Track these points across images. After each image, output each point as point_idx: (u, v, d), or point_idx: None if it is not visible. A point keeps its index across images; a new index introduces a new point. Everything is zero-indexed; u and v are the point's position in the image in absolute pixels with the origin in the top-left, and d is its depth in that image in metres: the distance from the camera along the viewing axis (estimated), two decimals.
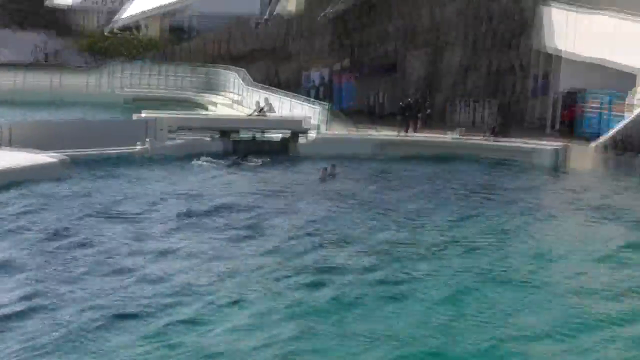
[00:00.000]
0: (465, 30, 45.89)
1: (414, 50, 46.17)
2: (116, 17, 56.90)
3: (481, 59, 46.15)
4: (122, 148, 30.84)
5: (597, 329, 15.14)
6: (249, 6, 53.53)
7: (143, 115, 33.86)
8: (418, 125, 38.27)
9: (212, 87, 48.20)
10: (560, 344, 14.38)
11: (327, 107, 37.37)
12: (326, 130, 35.50)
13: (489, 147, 34.89)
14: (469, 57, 46.04)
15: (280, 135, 33.89)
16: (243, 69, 45.80)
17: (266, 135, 34.17)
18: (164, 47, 51.17)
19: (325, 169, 29.13)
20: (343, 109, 41.95)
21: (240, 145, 33.15)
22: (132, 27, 56.14)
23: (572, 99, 42.59)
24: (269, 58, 47.82)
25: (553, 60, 43.97)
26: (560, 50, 43.38)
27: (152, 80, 49.08)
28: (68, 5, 61.12)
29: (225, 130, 33.33)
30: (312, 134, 34.38)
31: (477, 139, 36.41)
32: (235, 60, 48.22)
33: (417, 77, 45.94)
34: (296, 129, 34.17)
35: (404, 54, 46.30)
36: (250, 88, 43.66)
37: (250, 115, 38.89)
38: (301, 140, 34.00)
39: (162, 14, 56.24)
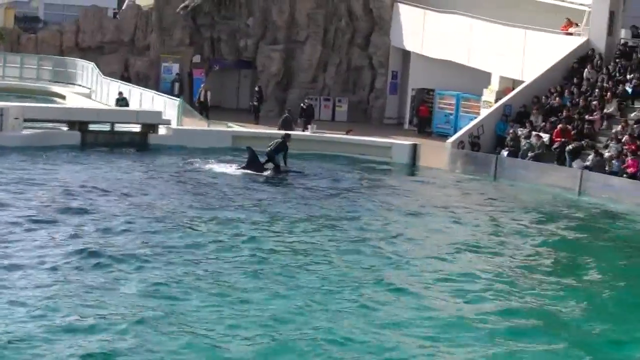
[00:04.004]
0: (322, 26, 46.94)
1: (270, 46, 46.92)
2: None
3: (338, 56, 47.28)
4: None
5: None
6: None
7: None
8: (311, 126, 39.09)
9: (65, 78, 47.76)
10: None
11: (180, 100, 37.71)
12: (179, 123, 35.82)
13: (347, 142, 35.82)
14: (325, 53, 47.13)
15: (138, 128, 34.10)
16: (92, 62, 45.55)
17: (124, 127, 34.33)
18: (10, 38, 50.30)
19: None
20: (203, 103, 42.20)
21: (97, 137, 33.20)
22: None
23: (425, 97, 44.28)
24: (125, 50, 47.74)
25: (411, 58, 45.46)
26: (414, 49, 44.91)
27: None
28: None
29: (82, 121, 33.15)
30: (170, 127, 34.72)
31: (335, 135, 37.43)
32: (89, 51, 47.78)
33: (273, 73, 46.71)
34: (154, 121, 34.46)
35: (260, 49, 46.99)
36: (105, 79, 43.50)
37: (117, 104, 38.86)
38: (160, 132, 34.38)
39: (8, 3, 55.33)
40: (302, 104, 41.49)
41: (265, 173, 29.15)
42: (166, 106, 36.90)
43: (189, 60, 46.75)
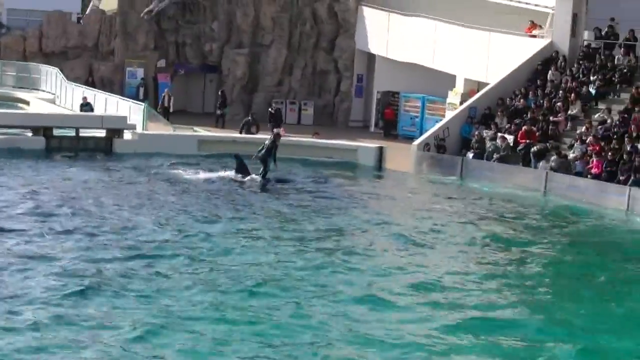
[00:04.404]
0: (287, 29, 46.95)
1: (235, 50, 46.88)
2: None
3: (303, 59, 47.32)
4: None
5: None
6: (68, 1, 53.01)
7: None
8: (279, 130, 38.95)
9: (29, 83, 47.40)
10: None
11: (145, 105, 37.61)
12: (144, 128, 35.71)
13: (313, 145, 35.80)
14: (291, 56, 47.15)
15: (103, 133, 33.96)
16: (56, 68, 45.30)
17: (89, 132, 34.17)
18: None
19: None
20: (166, 108, 42.07)
21: (62, 142, 33.06)
22: None
23: (390, 100, 44.43)
24: (89, 55, 47.50)
25: (376, 61, 45.55)
26: (379, 52, 45.03)
27: None
28: None
29: (46, 127, 32.93)
30: (135, 132, 34.61)
31: (302, 138, 37.42)
32: (53, 56, 47.46)
33: (239, 77, 46.67)
34: (119, 126, 34.33)
35: (225, 53, 46.91)
36: (70, 85, 43.26)
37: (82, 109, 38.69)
38: (125, 137, 34.26)
39: None
40: (270, 109, 41.49)
41: (251, 177, 29.00)
42: (131, 111, 36.75)
43: (153, 65, 46.60)
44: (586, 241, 24.00)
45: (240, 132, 37.25)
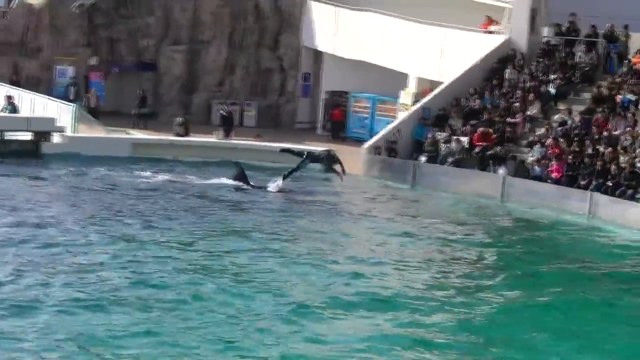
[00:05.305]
0: (228, 25, 46.52)
1: (172, 46, 46.38)
2: None
3: (246, 57, 46.93)
4: None
5: None
6: None
7: None
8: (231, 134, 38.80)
9: None
10: None
11: (76, 106, 37.08)
12: (74, 131, 35.27)
13: (256, 149, 35.55)
14: (232, 54, 46.75)
15: (30, 136, 33.45)
16: None
17: (14, 135, 33.65)
18: None
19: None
20: (93, 109, 41.51)
21: None
22: None
23: (338, 101, 44.27)
24: (14, 52, 46.65)
25: (323, 59, 45.36)
26: (327, 49, 44.82)
27: None
28: None
29: None
30: (65, 134, 34.14)
31: (244, 141, 37.11)
32: None
33: (177, 76, 46.18)
34: (47, 128, 33.81)
35: (162, 50, 46.42)
36: None
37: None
38: (54, 140, 33.75)
39: None
40: (221, 111, 41.14)
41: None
42: (60, 112, 36.12)
43: (85, 63, 45.90)
44: (543, 250, 23.90)
45: (175, 134, 37.04)
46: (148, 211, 24.51)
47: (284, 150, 31.35)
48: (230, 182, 29.79)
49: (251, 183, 29.69)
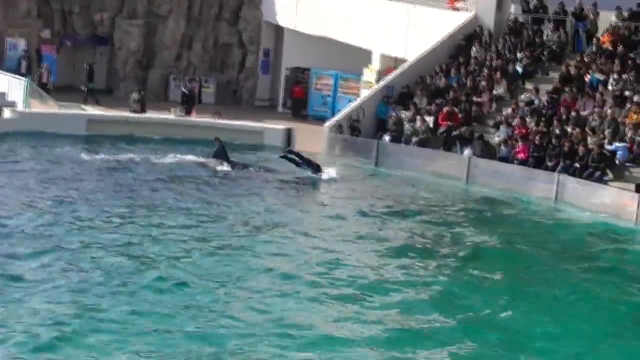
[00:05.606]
0: None
1: (128, 20, 45.75)
2: None
3: (204, 32, 46.42)
4: None
5: None
6: None
7: None
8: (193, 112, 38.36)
9: None
10: None
11: (28, 80, 36.52)
12: (26, 106, 34.74)
13: (214, 127, 35.10)
14: (190, 28, 46.19)
15: None
16: None
17: None
18: None
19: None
20: (45, 84, 40.86)
21: None
22: None
23: (300, 77, 43.93)
24: None
25: (284, 34, 44.95)
26: (288, 24, 44.42)
27: None
28: None
29: None
30: (16, 110, 33.62)
31: (202, 118, 36.70)
32: None
33: (132, 50, 45.60)
34: None
35: (117, 24, 45.78)
36: None
37: None
38: (5, 115, 33.15)
39: None
40: (183, 89, 40.68)
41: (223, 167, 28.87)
42: (11, 87, 35.59)
43: (37, 35, 45.21)
44: (507, 233, 23.79)
45: (132, 111, 36.60)
46: (93, 190, 24.07)
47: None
48: (193, 158, 29.57)
49: (231, 160, 29.25)
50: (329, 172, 29.01)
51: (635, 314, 17.53)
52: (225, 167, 28.94)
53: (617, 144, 28.73)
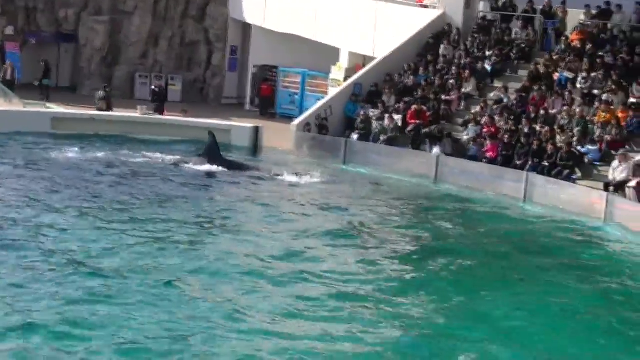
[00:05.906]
0: None
1: (94, 17, 45.61)
2: None
3: (170, 29, 46.33)
4: None
5: None
6: None
7: None
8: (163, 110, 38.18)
9: None
10: None
11: None
12: None
13: (180, 125, 35.01)
14: (156, 25, 46.08)
15: None
16: None
17: None
18: None
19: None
20: (10, 81, 40.67)
21: None
22: None
23: (267, 75, 43.90)
24: None
25: (252, 32, 44.91)
26: (255, 21, 44.38)
27: None
28: None
29: None
30: None
31: (168, 117, 36.58)
32: None
33: (98, 47, 45.44)
34: None
35: (82, 21, 45.62)
36: None
37: None
38: None
39: None
40: (153, 87, 40.54)
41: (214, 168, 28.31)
42: None
43: (0, 32, 45.03)
44: (476, 231, 23.81)
45: (98, 109, 36.40)
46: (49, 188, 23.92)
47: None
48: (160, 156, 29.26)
49: (222, 156, 29.02)
50: (285, 174, 28.76)
51: (600, 308, 17.62)
52: (215, 167, 28.34)
53: (589, 146, 28.87)
